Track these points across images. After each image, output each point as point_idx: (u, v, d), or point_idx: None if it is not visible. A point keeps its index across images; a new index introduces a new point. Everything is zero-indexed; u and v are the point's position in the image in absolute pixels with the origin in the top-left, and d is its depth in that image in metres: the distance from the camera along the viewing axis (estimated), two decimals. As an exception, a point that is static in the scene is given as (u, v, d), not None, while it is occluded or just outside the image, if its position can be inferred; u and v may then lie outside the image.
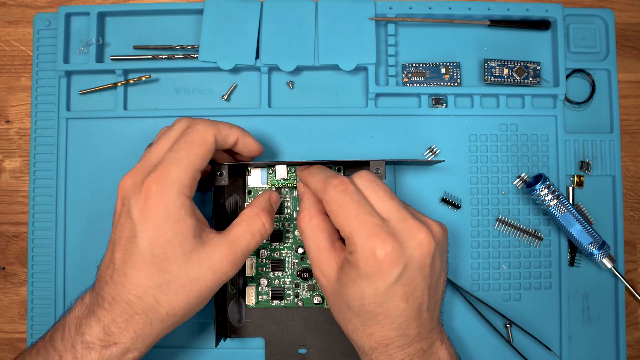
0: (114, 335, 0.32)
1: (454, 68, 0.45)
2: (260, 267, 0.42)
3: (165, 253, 0.32)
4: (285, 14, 0.44)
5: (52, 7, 0.47)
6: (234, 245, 0.34)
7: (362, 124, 0.44)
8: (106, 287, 0.33)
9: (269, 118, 0.44)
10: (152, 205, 0.32)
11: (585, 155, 0.45)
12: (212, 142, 0.35)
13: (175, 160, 0.33)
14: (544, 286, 0.44)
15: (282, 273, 0.42)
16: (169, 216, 0.32)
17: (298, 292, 0.42)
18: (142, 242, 0.32)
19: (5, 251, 0.45)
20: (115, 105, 0.44)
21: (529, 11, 0.44)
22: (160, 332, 0.33)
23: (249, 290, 0.42)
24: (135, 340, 0.32)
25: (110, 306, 0.32)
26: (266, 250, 0.42)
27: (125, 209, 0.33)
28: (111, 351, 0.32)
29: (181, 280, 0.32)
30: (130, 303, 0.32)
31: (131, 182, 0.33)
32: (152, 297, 0.32)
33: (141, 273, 0.32)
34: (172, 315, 0.33)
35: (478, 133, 0.44)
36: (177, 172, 0.33)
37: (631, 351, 0.44)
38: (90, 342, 0.32)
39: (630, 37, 0.47)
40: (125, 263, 0.32)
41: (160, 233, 0.32)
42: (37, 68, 0.44)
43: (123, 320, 0.32)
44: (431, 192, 0.44)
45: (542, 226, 0.44)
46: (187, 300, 0.33)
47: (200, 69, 0.44)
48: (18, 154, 0.46)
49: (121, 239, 0.33)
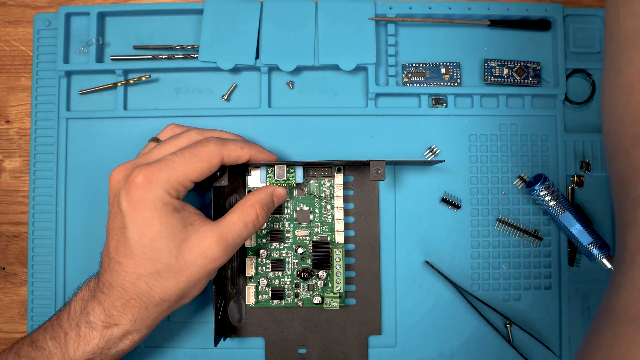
0: (114, 317, 0.34)
1: (454, 68, 0.45)
2: (260, 267, 0.42)
3: (155, 243, 0.33)
4: (285, 14, 0.44)
5: (52, 7, 0.47)
6: (226, 232, 0.35)
7: (362, 124, 0.44)
8: (105, 273, 0.34)
9: (269, 118, 0.44)
10: (138, 199, 0.33)
11: (585, 155, 0.45)
12: (216, 164, 0.36)
13: (172, 163, 0.34)
14: (544, 286, 0.44)
15: (282, 273, 0.42)
16: (155, 210, 0.33)
17: (298, 292, 0.42)
18: (131, 233, 0.33)
19: (5, 251, 0.45)
20: (115, 105, 0.44)
21: (529, 11, 0.44)
22: (158, 315, 0.35)
23: (249, 289, 0.42)
24: (134, 322, 0.34)
25: (108, 291, 0.34)
26: (266, 250, 0.42)
27: (115, 200, 0.34)
28: (112, 331, 0.34)
29: (172, 268, 0.33)
30: (125, 289, 0.33)
31: (122, 175, 0.34)
32: (144, 284, 0.33)
33: (132, 262, 0.33)
34: (166, 300, 0.34)
35: (478, 133, 0.44)
36: (168, 173, 0.33)
37: (631, 351, 0.44)
38: (93, 323, 0.34)
39: (630, 37, 0.47)
40: (118, 252, 0.34)
41: (148, 225, 0.33)
42: (37, 68, 0.44)
43: (121, 304, 0.34)
44: (431, 192, 0.44)
45: (542, 226, 0.44)
46: (179, 286, 0.34)
47: (200, 69, 0.44)
48: (18, 154, 0.46)
49: (114, 229, 0.34)
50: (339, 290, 0.41)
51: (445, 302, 0.43)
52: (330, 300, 0.40)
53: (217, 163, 0.36)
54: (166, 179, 0.33)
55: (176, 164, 0.34)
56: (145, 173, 0.33)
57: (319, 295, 0.42)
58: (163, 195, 0.33)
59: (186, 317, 0.43)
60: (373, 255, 0.43)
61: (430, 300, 0.43)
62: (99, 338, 0.33)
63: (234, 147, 0.36)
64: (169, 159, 0.34)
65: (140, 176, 0.33)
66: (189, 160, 0.34)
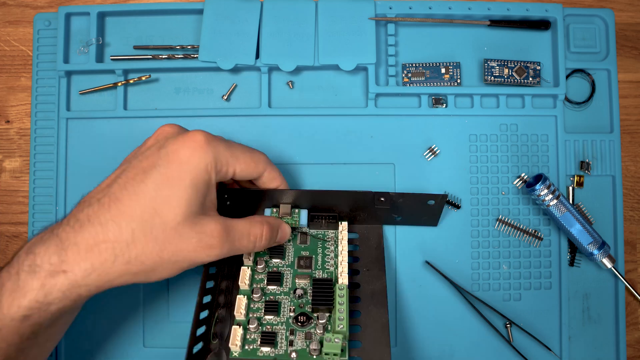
0: (67, 262, 0.29)
1: (454, 68, 0.45)
2: (252, 311, 0.36)
3: (170, 198, 0.31)
4: (285, 14, 0.44)
5: (52, 7, 0.47)
6: (231, 230, 0.33)
7: (362, 124, 0.44)
8: (87, 209, 0.31)
9: (269, 118, 0.44)
10: (187, 149, 0.32)
11: (585, 155, 0.45)
12: (259, 171, 0.36)
13: (230, 144, 0.34)
14: (544, 286, 0.44)
15: (277, 318, 0.36)
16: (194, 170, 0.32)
17: (292, 340, 0.35)
18: (155, 176, 0.31)
19: (5, 251, 0.45)
20: (115, 105, 0.44)
21: (529, 11, 0.44)
22: (118, 276, 0.30)
23: (235, 331, 0.34)
24: (88, 274, 0.29)
25: (80, 227, 0.30)
26: (261, 291, 0.37)
27: (157, 143, 0.33)
28: (56, 281, 0.29)
29: (167, 230, 0.30)
30: (104, 227, 0.30)
31: (175, 129, 0.34)
32: (130, 232, 0.30)
33: (134, 203, 0.30)
34: (139, 262, 0.30)
35: (478, 133, 0.44)
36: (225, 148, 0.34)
37: (631, 351, 0.44)
38: (38, 266, 0.29)
39: (630, 37, 0.47)
40: (124, 189, 0.31)
41: (177, 178, 0.31)
42: (37, 68, 0.44)
43: (86, 246, 0.29)
44: (431, 192, 0.44)
45: (542, 226, 0.44)
46: (161, 254, 0.31)
47: (200, 69, 0.44)
48: (18, 154, 0.46)
49: (136, 167, 0.32)
50: (341, 329, 0.33)
51: (445, 302, 0.43)
52: (332, 336, 0.33)
53: (261, 171, 0.36)
54: (221, 151, 0.33)
55: (234, 147, 0.34)
56: (207, 135, 0.33)
57: (319, 341, 0.34)
58: (210, 161, 0.32)
59: (186, 317, 0.43)
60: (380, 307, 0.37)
61: (430, 300, 0.43)
62: (38, 289, 0.29)
63: (276, 169, 0.38)
64: (229, 141, 0.35)
65: (201, 134, 0.33)
66: (243, 151, 0.35)
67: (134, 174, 0.31)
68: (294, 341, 0.35)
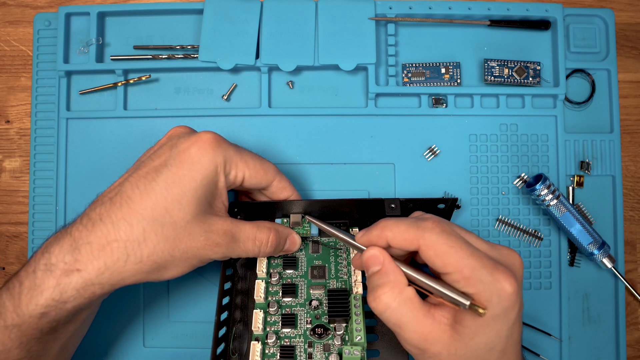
0: (81, 261, 0.30)
1: (454, 68, 0.45)
2: (268, 325, 0.36)
3: (180, 197, 0.31)
4: (285, 14, 0.44)
5: (52, 7, 0.47)
6: (237, 231, 0.34)
7: (362, 124, 0.44)
8: (99, 207, 0.31)
9: (269, 118, 0.44)
10: (198, 148, 0.32)
11: (585, 155, 0.45)
12: (269, 179, 0.36)
13: (241, 149, 0.35)
14: (544, 286, 0.44)
15: (294, 331, 0.35)
16: (205, 170, 0.32)
17: (311, 353, 0.35)
18: (166, 175, 0.32)
19: (5, 251, 0.45)
20: (115, 105, 0.44)
21: (529, 11, 0.44)
22: (131, 274, 0.31)
23: (254, 347, 0.34)
24: (101, 273, 0.30)
25: (93, 226, 0.30)
26: (276, 304, 0.36)
27: (169, 142, 0.34)
28: (71, 280, 0.29)
29: (178, 229, 0.31)
30: (116, 226, 0.30)
31: (186, 130, 0.35)
32: (141, 230, 0.30)
33: (145, 201, 0.31)
34: (151, 261, 0.31)
35: (478, 133, 0.44)
36: (235, 152, 0.34)
37: (631, 351, 0.44)
38: (53, 265, 0.30)
39: (630, 37, 0.47)
40: (135, 188, 0.31)
41: (188, 177, 0.32)
42: (37, 68, 0.44)
43: (98, 245, 0.30)
44: (431, 192, 0.44)
45: (542, 226, 0.44)
46: (172, 252, 0.31)
47: (200, 69, 0.44)
48: (18, 154, 0.46)
49: (147, 166, 0.32)
50: (359, 341, 0.33)
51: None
52: (350, 349, 0.33)
53: (270, 179, 0.36)
54: (232, 153, 0.34)
55: (244, 153, 0.35)
56: (218, 137, 0.33)
57: (337, 353, 0.34)
58: (220, 162, 0.33)
59: (186, 317, 0.43)
60: None
61: (430, 300, 0.43)
62: (53, 287, 0.29)
63: (286, 179, 0.38)
64: (240, 147, 0.35)
65: (212, 135, 0.33)
66: (253, 158, 0.35)
67: (146, 172, 0.32)
68: (312, 354, 0.34)
